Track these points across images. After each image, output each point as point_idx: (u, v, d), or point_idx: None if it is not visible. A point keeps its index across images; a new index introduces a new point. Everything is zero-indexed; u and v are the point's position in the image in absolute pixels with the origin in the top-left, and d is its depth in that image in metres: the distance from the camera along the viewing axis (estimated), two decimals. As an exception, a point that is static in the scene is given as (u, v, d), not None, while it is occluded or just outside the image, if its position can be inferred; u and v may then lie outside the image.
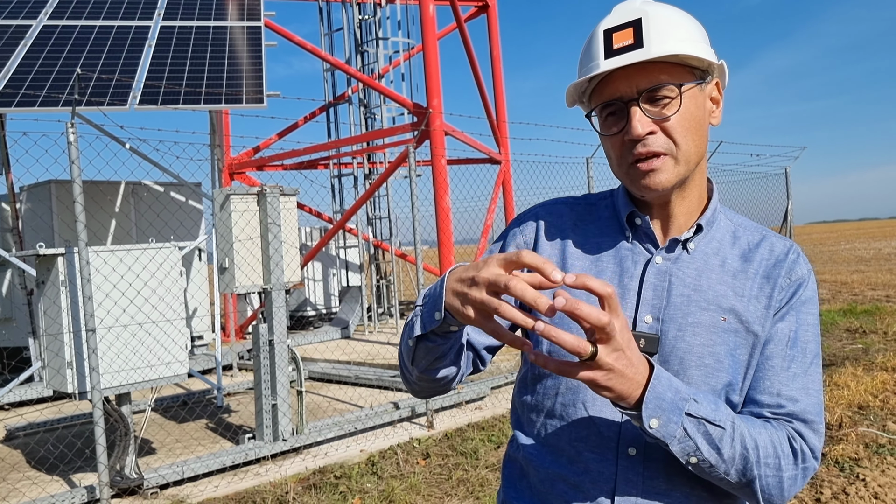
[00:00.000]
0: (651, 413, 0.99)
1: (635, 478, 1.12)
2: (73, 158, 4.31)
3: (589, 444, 1.15)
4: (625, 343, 0.95)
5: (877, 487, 4.12)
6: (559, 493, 1.17)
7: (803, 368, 1.13)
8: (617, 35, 1.09)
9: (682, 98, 1.08)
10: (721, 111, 1.18)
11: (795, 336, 1.13)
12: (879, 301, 12.14)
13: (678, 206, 1.17)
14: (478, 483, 4.63)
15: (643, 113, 1.08)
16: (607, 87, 1.11)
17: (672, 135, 1.09)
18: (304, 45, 10.73)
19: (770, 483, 1.08)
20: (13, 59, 6.95)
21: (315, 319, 12.77)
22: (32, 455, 5.80)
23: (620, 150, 1.12)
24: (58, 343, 4.59)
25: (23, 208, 9.19)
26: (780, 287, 1.14)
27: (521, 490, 1.24)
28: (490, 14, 12.50)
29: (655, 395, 0.99)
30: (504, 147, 12.03)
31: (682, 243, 1.17)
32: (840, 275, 17.93)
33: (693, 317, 1.13)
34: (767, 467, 1.07)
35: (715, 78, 1.16)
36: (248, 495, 4.59)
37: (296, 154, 11.13)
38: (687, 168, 1.12)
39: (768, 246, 1.18)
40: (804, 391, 1.12)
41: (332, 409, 6.76)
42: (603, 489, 1.13)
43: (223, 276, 5.30)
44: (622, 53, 1.07)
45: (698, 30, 1.13)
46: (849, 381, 6.50)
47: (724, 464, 1.04)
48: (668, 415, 1.00)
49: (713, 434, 1.02)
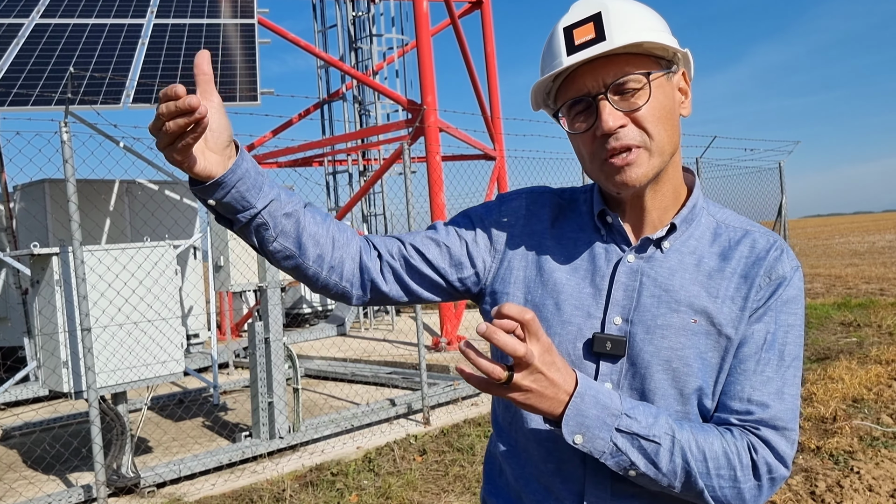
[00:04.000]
0: (573, 430, 0.99)
1: (604, 480, 1.12)
2: (66, 157, 4.30)
3: (557, 446, 1.14)
4: (545, 365, 0.95)
5: (871, 480, 4.14)
6: (532, 492, 1.18)
7: (779, 372, 1.08)
8: (578, 31, 1.07)
9: (650, 87, 1.06)
10: (690, 101, 1.15)
11: (773, 338, 1.09)
12: (873, 294, 12.19)
13: (651, 201, 1.14)
14: (474, 479, 4.64)
15: (613, 106, 1.05)
16: (573, 85, 1.09)
17: (644, 125, 1.06)
18: (298, 42, 10.71)
19: (727, 494, 1.05)
20: (5, 57, 6.93)
21: (311, 317, 12.77)
22: (29, 455, 5.80)
23: (592, 147, 1.09)
24: (53, 342, 4.58)
25: (17, 208, 9.16)
26: (758, 287, 1.10)
27: (500, 487, 1.25)
28: (484, 10, 12.48)
29: (577, 412, 0.99)
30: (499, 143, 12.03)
31: (654, 242, 1.14)
32: (834, 268, 18.00)
33: (662, 318, 1.10)
34: (721, 478, 1.04)
35: (681, 68, 1.14)
36: (245, 493, 4.59)
37: (290, 151, 11.12)
38: (661, 160, 1.09)
39: (749, 243, 1.13)
40: (777, 396, 1.07)
41: (328, 406, 6.77)
42: (572, 490, 1.13)
43: (218, 275, 5.30)
44: (585, 48, 1.05)
45: (659, 20, 1.11)
46: (843, 374, 6.53)
47: (665, 477, 1.03)
48: (594, 431, 1.00)
49: (648, 449, 1.01)
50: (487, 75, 12.14)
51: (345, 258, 1.17)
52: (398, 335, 10.46)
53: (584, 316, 1.13)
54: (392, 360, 8.25)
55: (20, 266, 6.79)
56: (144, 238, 5.08)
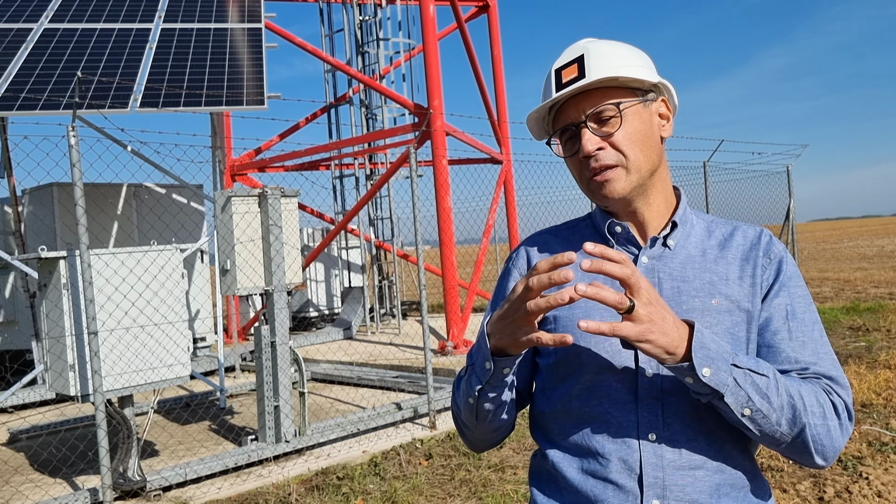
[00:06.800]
0: (701, 361, 1.06)
1: (658, 461, 1.18)
2: (74, 161, 4.32)
3: (610, 437, 1.21)
4: (654, 299, 1.06)
5: (880, 486, 4.11)
6: (590, 489, 1.22)
7: (810, 335, 1.22)
8: (565, 72, 1.27)
9: (621, 115, 1.23)
10: (671, 125, 1.31)
11: (793, 309, 1.23)
12: (882, 299, 12.11)
13: (647, 213, 1.29)
14: (480, 483, 4.63)
15: (591, 132, 1.23)
16: (562, 116, 1.28)
17: (620, 148, 1.23)
18: (305, 46, 10.74)
19: (820, 433, 1.13)
20: (14, 62, 6.97)
21: (317, 320, 12.78)
22: (35, 458, 5.81)
23: (580, 168, 1.27)
24: (60, 346, 4.59)
25: (25, 211, 9.20)
26: (762, 266, 1.25)
27: (552, 494, 1.30)
28: (490, 14, 12.49)
29: (701, 345, 1.07)
30: (505, 147, 12.02)
31: (662, 240, 1.29)
32: (843, 272, 17.90)
33: (687, 304, 1.23)
34: (814, 416, 1.13)
35: (660, 96, 1.30)
36: (251, 497, 4.59)
37: (297, 155, 11.14)
38: (639, 176, 1.25)
39: (741, 234, 1.30)
40: (815, 355, 1.21)
41: (334, 410, 6.76)
42: (630, 476, 1.19)
43: (225, 278, 5.31)
44: (569, 86, 1.25)
45: (637, 56, 1.28)
46: (852, 379, 6.49)
47: (776, 412, 1.10)
48: (718, 364, 1.07)
49: (760, 383, 1.09)
50: (494, 79, 12.14)
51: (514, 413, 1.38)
52: (404, 339, 10.45)
53: (612, 315, 1.23)
54: (398, 364, 8.24)
55: (28, 269, 6.82)
56: (151, 242, 5.09)
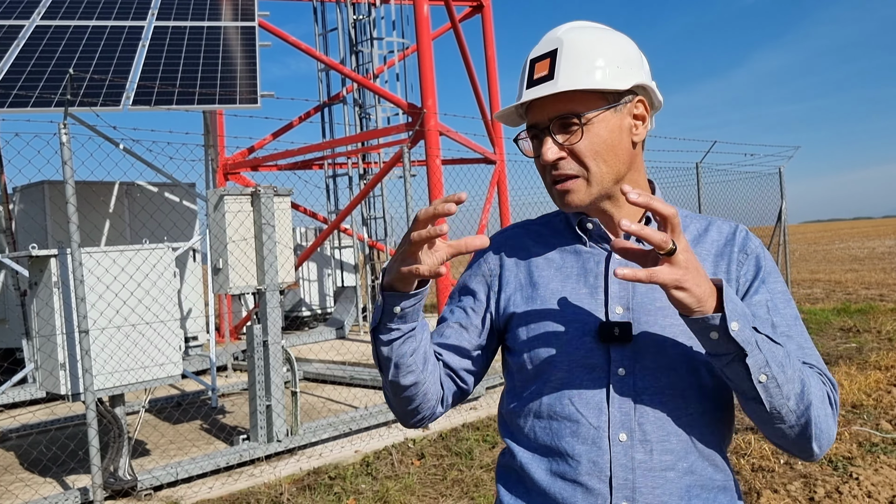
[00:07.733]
0: (731, 315, 1.01)
1: (628, 462, 1.15)
2: (65, 159, 4.30)
3: (580, 438, 1.17)
4: (689, 248, 1.01)
5: (870, 486, 4.13)
6: (558, 491, 1.19)
7: (794, 330, 1.18)
8: (538, 65, 1.19)
9: (582, 128, 1.16)
10: (646, 127, 1.23)
11: (774, 304, 1.19)
12: (873, 300, 12.18)
13: (616, 212, 1.24)
14: (472, 483, 4.63)
15: (553, 140, 1.17)
16: (530, 112, 1.22)
17: (581, 159, 1.17)
18: (299, 45, 10.71)
19: (820, 416, 1.09)
20: (5, 59, 6.92)
21: (310, 320, 12.75)
22: (25, 457, 5.78)
23: (543, 172, 1.22)
24: (51, 344, 4.57)
25: (15, 209, 9.15)
26: (738, 261, 1.21)
27: (520, 495, 1.26)
28: (484, 14, 12.49)
29: (731, 300, 1.02)
30: (499, 147, 12.03)
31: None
32: (834, 274, 17.99)
33: (660, 301, 1.19)
34: (816, 397, 1.09)
35: (637, 97, 1.21)
36: (243, 496, 4.58)
37: (290, 154, 11.11)
38: (601, 188, 1.19)
39: (716, 229, 1.26)
40: (801, 349, 1.17)
41: (326, 409, 6.75)
42: (600, 479, 1.15)
43: (217, 277, 5.29)
44: (539, 84, 1.18)
45: (618, 52, 1.18)
46: (842, 379, 6.52)
47: (788, 383, 1.05)
48: (743, 321, 1.02)
49: (776, 351, 1.05)
50: (488, 79, 12.15)
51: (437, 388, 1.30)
52: (397, 339, 10.43)
53: (586, 313, 1.21)
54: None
55: (19, 268, 6.78)
56: (143, 240, 5.07)
